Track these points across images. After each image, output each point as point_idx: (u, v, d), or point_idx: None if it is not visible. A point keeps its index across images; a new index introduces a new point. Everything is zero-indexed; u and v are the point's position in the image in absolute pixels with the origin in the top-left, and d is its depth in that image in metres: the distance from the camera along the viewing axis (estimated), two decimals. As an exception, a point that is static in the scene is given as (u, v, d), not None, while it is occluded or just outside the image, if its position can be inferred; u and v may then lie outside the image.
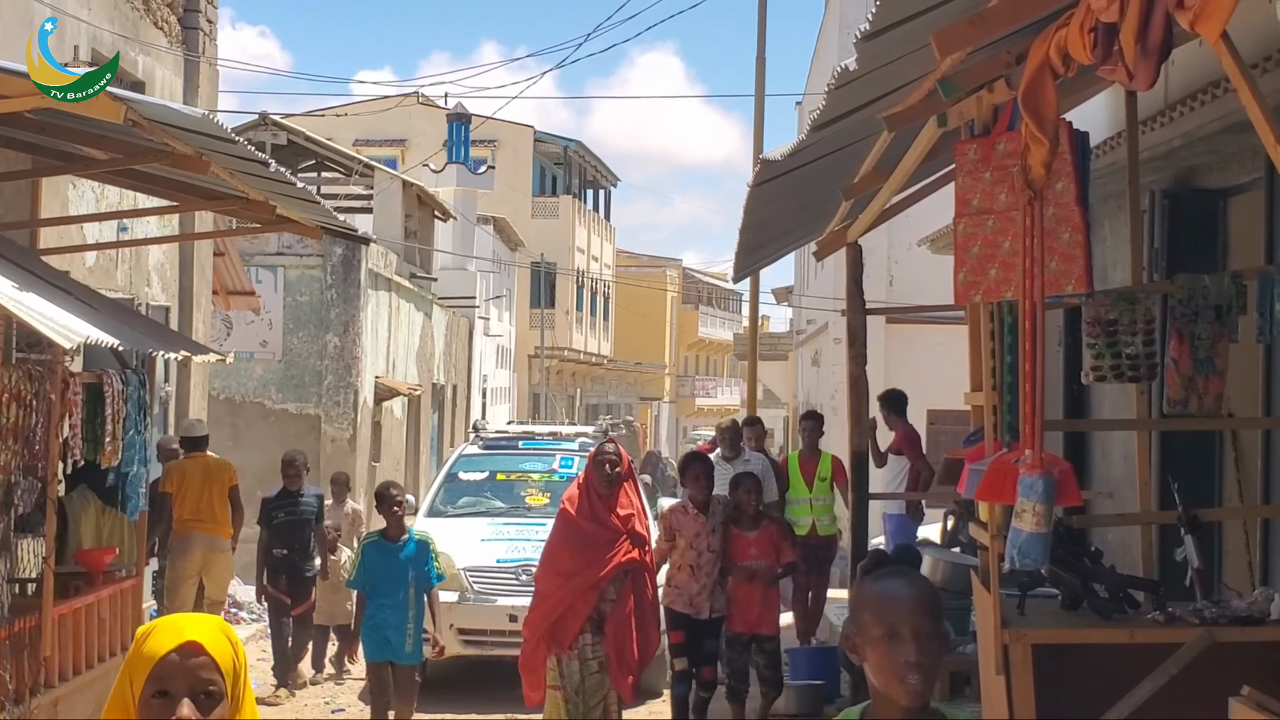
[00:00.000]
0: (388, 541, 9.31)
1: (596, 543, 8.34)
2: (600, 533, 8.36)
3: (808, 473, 12.63)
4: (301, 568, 11.75)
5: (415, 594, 9.15)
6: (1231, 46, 3.63)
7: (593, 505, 8.40)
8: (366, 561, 9.25)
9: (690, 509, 9.45)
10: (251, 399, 20.56)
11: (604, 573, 8.33)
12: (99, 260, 11.78)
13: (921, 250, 17.02)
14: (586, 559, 8.33)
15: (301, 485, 11.90)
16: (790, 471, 12.70)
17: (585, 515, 8.40)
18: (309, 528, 11.81)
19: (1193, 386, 6.59)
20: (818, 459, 12.76)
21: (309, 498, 11.88)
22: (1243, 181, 8.30)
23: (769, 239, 12.17)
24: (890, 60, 5.60)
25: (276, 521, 11.67)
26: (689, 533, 9.36)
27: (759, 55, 21.03)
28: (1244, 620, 5.71)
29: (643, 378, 67.98)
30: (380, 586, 9.17)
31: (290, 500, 11.77)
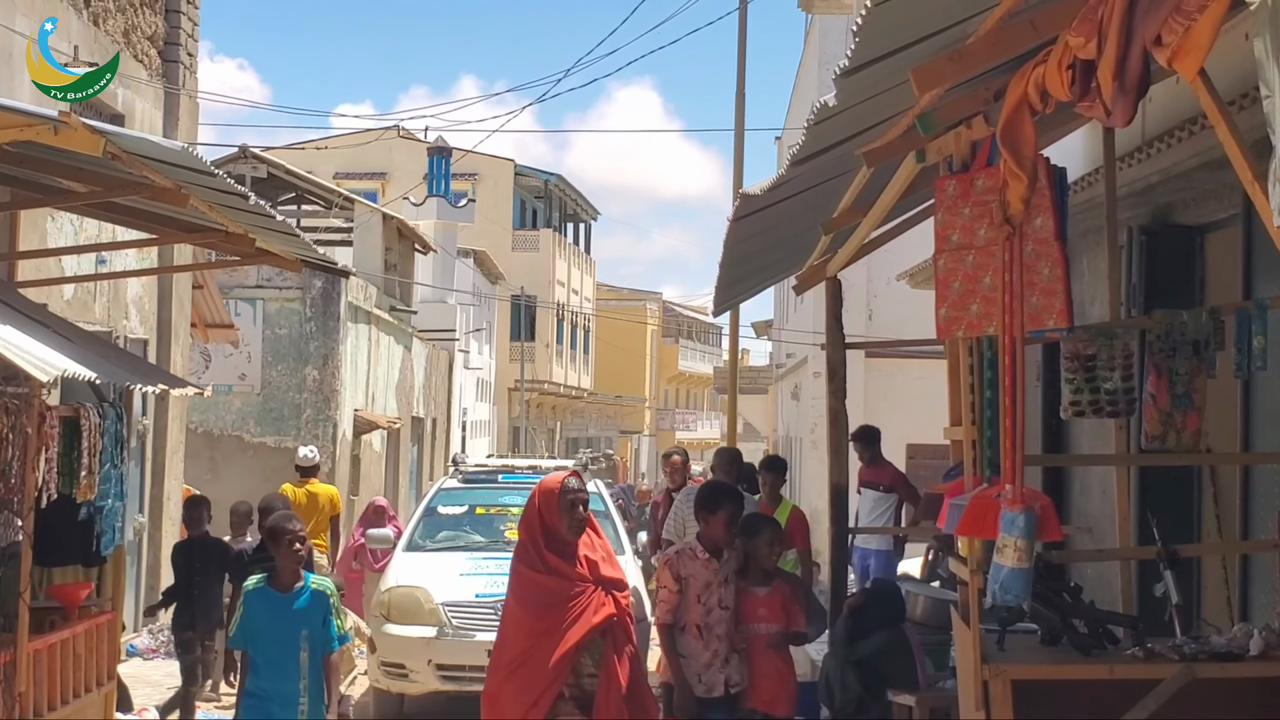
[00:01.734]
0: (276, 590, 7.47)
1: (558, 599, 6.61)
2: (561, 587, 6.62)
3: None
4: None
5: (309, 659, 7.37)
6: (1209, 83, 3.64)
7: (543, 553, 6.64)
8: (248, 613, 7.44)
9: (700, 553, 7.62)
10: (230, 432, 20.51)
11: (577, 639, 6.60)
12: (77, 293, 11.74)
13: (901, 285, 17.08)
14: (550, 622, 6.61)
15: None
16: None
17: (538, 565, 6.67)
18: None
19: (1171, 422, 6.60)
20: (774, 509, 11.17)
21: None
22: (1220, 218, 8.33)
23: (749, 273, 12.19)
24: (869, 96, 5.62)
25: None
26: (698, 583, 7.54)
27: (739, 90, 21.12)
28: (1223, 656, 5.71)
29: (623, 411, 67.99)
30: (264, 647, 7.36)
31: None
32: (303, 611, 7.41)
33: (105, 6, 12.20)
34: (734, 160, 20.89)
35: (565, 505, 6.63)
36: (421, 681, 11.50)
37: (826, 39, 22.77)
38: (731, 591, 7.62)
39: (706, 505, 7.78)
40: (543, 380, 53.86)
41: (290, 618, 7.39)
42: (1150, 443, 6.75)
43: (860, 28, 4.57)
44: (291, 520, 7.76)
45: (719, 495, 7.90)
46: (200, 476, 17.94)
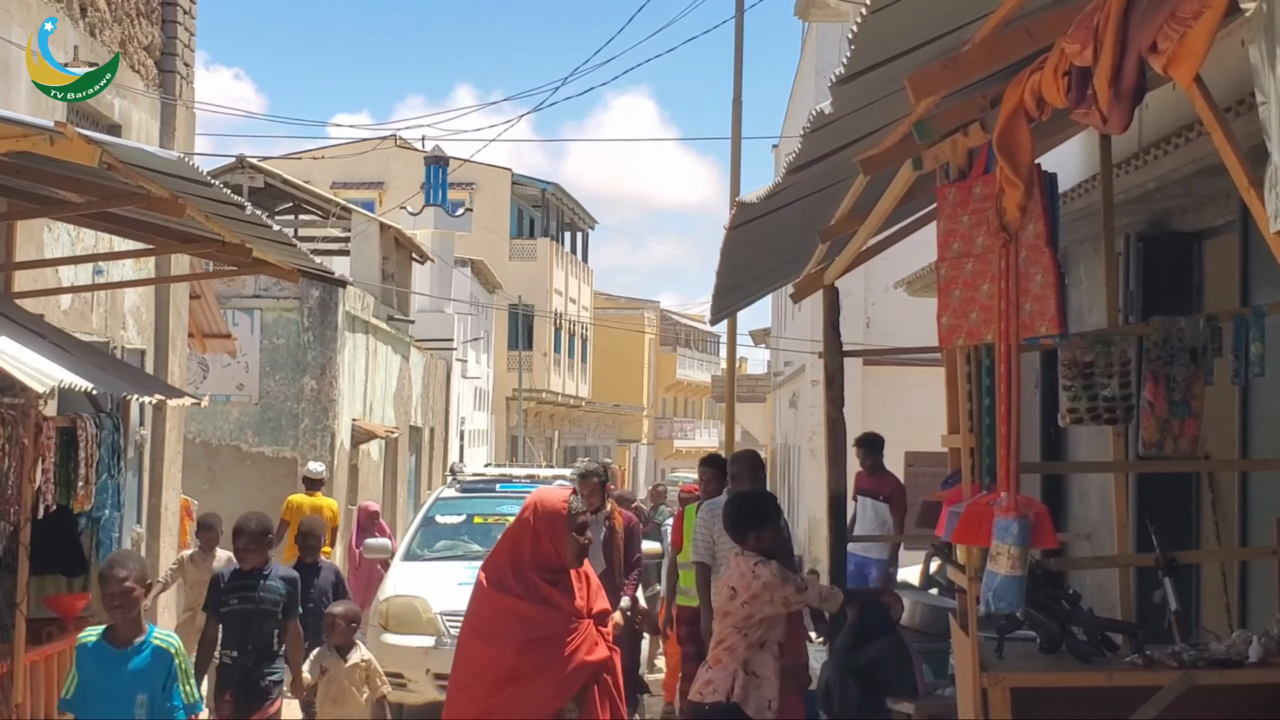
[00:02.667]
0: (112, 645, 6.39)
1: (546, 635, 5.51)
2: (551, 619, 5.53)
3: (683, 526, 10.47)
4: (257, 677, 8.53)
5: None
6: (1205, 90, 3.64)
7: (531, 578, 5.55)
8: (80, 672, 6.42)
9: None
10: (228, 442, 20.49)
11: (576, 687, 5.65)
12: (74, 303, 11.73)
13: (898, 292, 17.07)
14: (533, 662, 5.50)
15: (264, 561, 8.71)
16: (685, 528, 10.31)
17: (527, 592, 5.52)
18: (272, 621, 8.55)
19: (1168, 429, 6.59)
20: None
21: (274, 580, 8.63)
22: (1217, 224, 8.34)
23: (746, 281, 12.19)
24: (866, 103, 5.62)
25: (226, 610, 8.57)
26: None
27: (735, 98, 21.11)
28: (1223, 663, 5.70)
29: (621, 419, 67.97)
30: (95, 711, 6.30)
31: (246, 583, 8.64)
32: (139, 673, 6.32)
33: (102, 17, 12.20)
34: (731, 168, 20.89)
35: (573, 530, 5.64)
36: (420, 691, 11.49)
37: (823, 47, 22.80)
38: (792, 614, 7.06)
39: (754, 520, 6.93)
40: (540, 389, 53.85)
41: (124, 679, 6.31)
42: (1148, 450, 6.75)
43: (856, 35, 4.56)
44: (121, 565, 6.46)
45: (764, 507, 7.16)
46: (198, 487, 17.92)
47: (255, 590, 8.54)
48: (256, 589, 8.54)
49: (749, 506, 7.14)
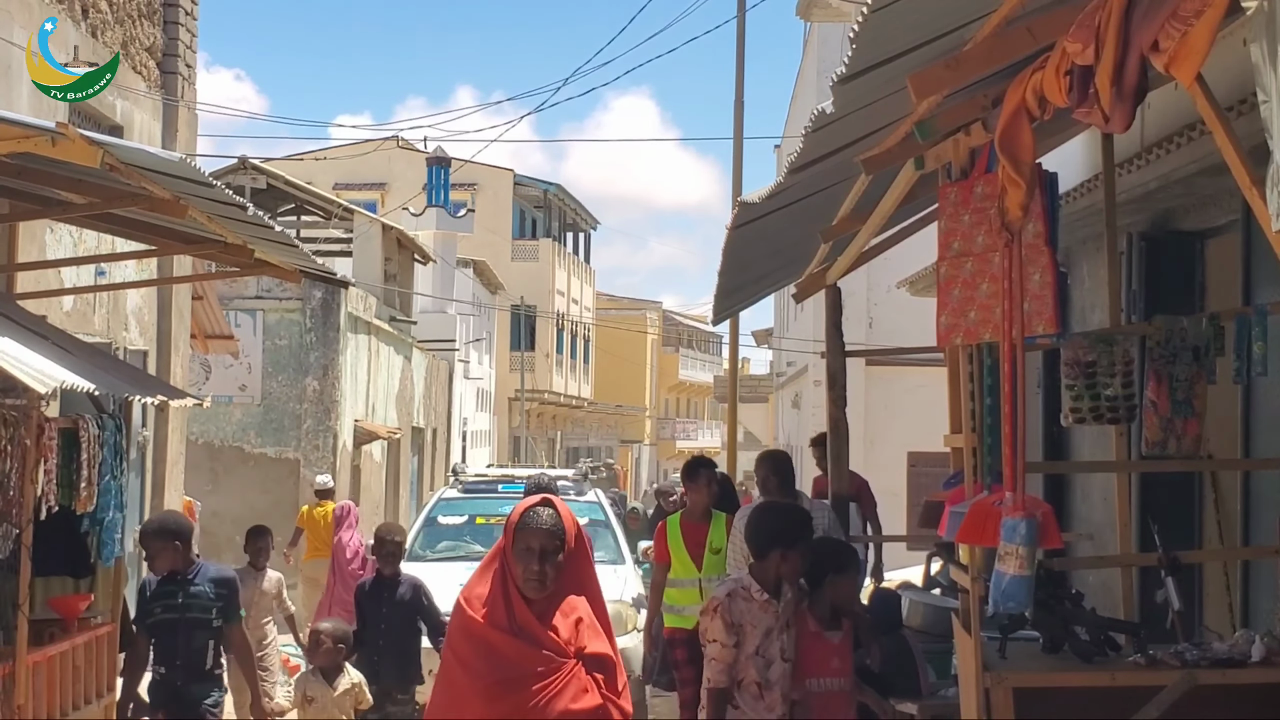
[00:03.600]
0: None
1: (520, 674, 4.48)
2: (526, 656, 4.48)
3: (694, 543, 9.40)
4: (189, 698, 7.63)
5: None
6: (1207, 89, 3.64)
7: (512, 605, 4.50)
8: None
9: (757, 593, 6.14)
10: (230, 443, 20.50)
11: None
12: (76, 304, 11.73)
13: (901, 292, 17.08)
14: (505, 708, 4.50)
15: (182, 564, 7.68)
16: (670, 540, 9.47)
17: (500, 621, 4.52)
18: (204, 631, 7.60)
19: (1171, 428, 6.59)
20: (709, 523, 9.45)
21: (201, 584, 7.63)
22: (1219, 224, 8.33)
23: (748, 281, 12.18)
24: (867, 103, 5.62)
25: (152, 621, 7.68)
26: (758, 631, 6.09)
27: (737, 98, 21.10)
28: (1225, 662, 5.70)
29: (623, 420, 67.97)
30: None
31: (169, 589, 7.69)
32: None
33: (104, 18, 12.21)
34: (733, 168, 20.88)
35: (521, 550, 4.48)
36: (423, 691, 11.47)
37: (825, 47, 22.80)
38: (792, 639, 6.21)
39: (783, 539, 6.20)
40: (543, 390, 53.86)
41: None
42: (1151, 449, 6.75)
43: (857, 34, 4.56)
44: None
45: (797, 526, 6.37)
46: (201, 488, 17.93)
47: (177, 597, 7.60)
48: (179, 595, 7.61)
49: (781, 521, 6.38)
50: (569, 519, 4.57)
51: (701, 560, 9.37)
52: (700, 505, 9.49)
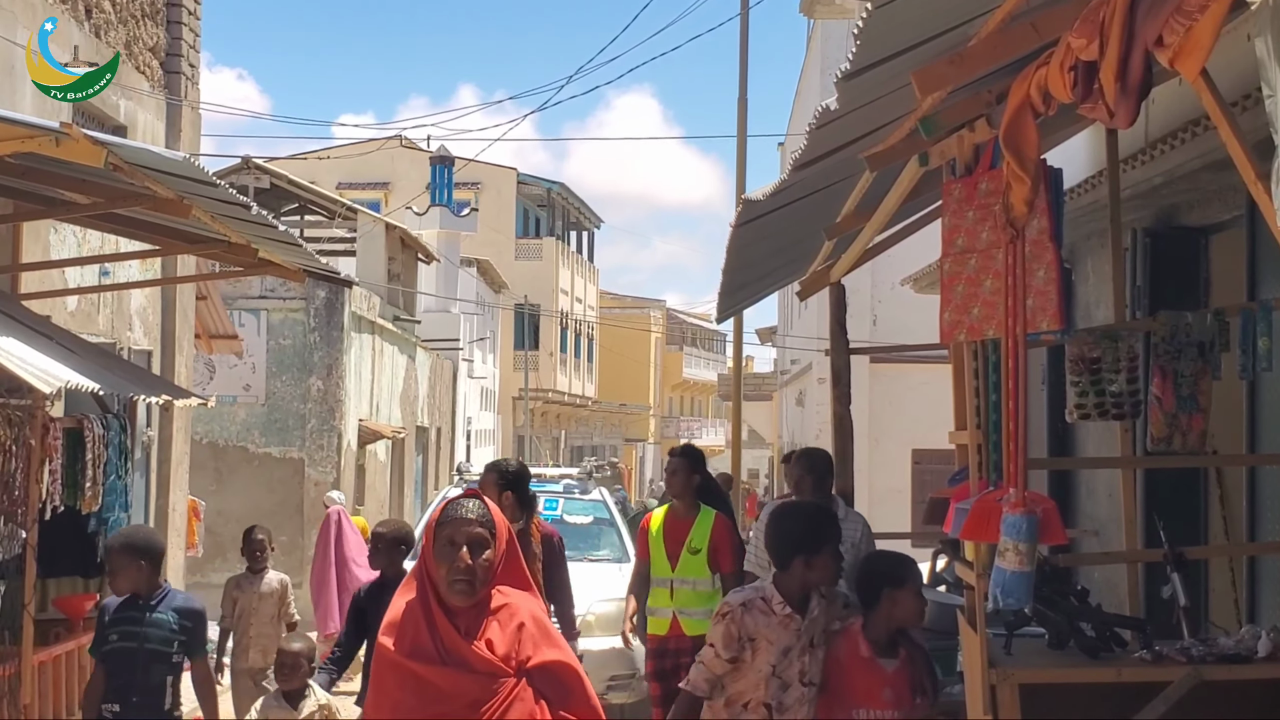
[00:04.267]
0: None
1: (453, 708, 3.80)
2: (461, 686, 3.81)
3: (673, 539, 8.71)
4: None
5: None
6: (1211, 84, 3.63)
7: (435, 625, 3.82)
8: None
9: (778, 605, 5.51)
10: (235, 443, 20.50)
11: None
12: (80, 305, 11.74)
13: (905, 290, 17.07)
14: None
15: (155, 589, 6.89)
16: (651, 534, 8.83)
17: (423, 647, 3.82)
18: (162, 665, 6.77)
19: (1176, 424, 6.58)
20: (693, 519, 8.73)
21: (163, 612, 6.80)
22: (1224, 219, 8.33)
23: (752, 279, 12.18)
24: (871, 100, 5.61)
25: (107, 649, 6.84)
26: (775, 649, 5.43)
27: (741, 95, 21.09)
28: (1231, 658, 5.69)
29: (627, 419, 67.97)
30: None
31: (130, 614, 6.85)
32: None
33: (107, 18, 12.21)
34: (736, 166, 20.88)
35: (442, 546, 3.83)
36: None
37: (829, 44, 22.80)
38: (818, 661, 5.48)
39: (806, 545, 5.55)
40: (547, 389, 53.87)
41: None
42: (1156, 445, 6.74)
43: (861, 30, 4.56)
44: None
45: (822, 528, 5.70)
46: (205, 487, 17.93)
47: (138, 624, 6.76)
48: (139, 622, 6.76)
49: (802, 524, 5.69)
50: (499, 514, 3.90)
51: (677, 559, 8.65)
52: (678, 496, 8.81)
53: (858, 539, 7.64)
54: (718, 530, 8.68)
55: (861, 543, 7.65)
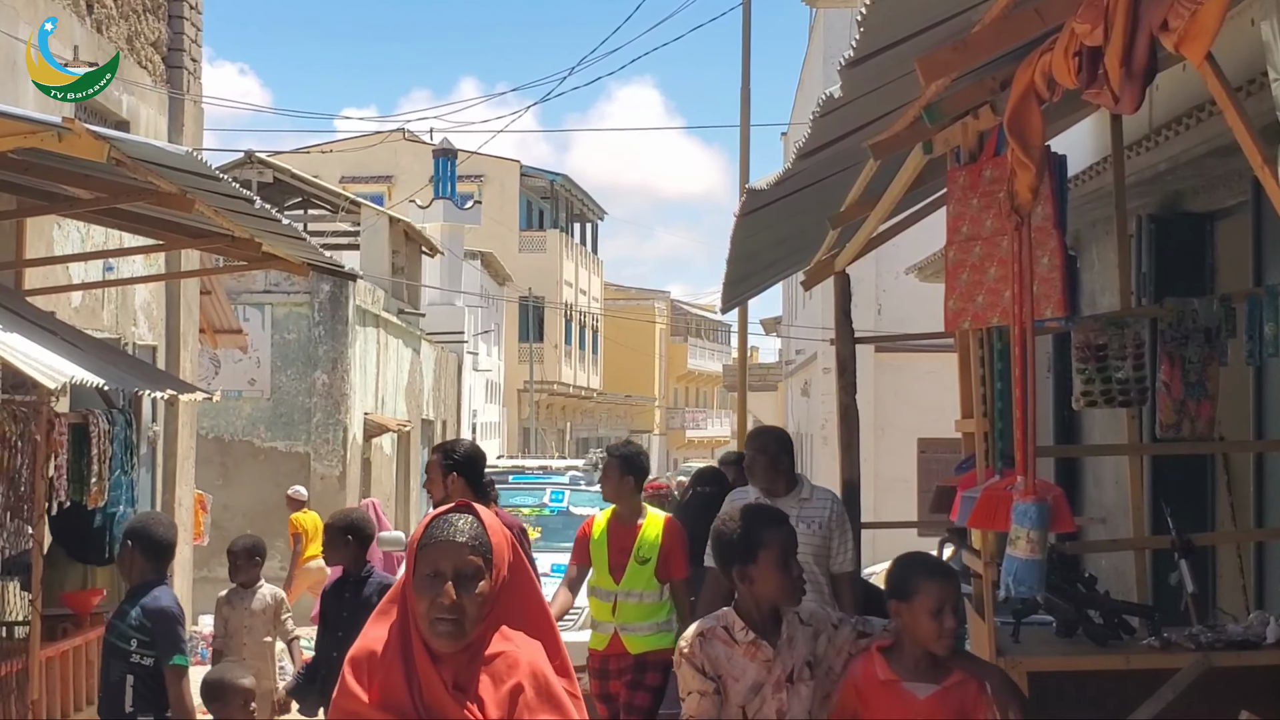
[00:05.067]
0: None
1: None
2: None
3: (618, 548, 7.73)
4: None
5: None
6: (1217, 68, 3.62)
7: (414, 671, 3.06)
8: None
9: (741, 632, 4.47)
10: (240, 438, 20.52)
11: None
12: (85, 300, 11.74)
13: (909, 278, 17.05)
14: None
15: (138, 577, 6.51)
16: (593, 539, 7.85)
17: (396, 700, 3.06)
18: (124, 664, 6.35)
19: (1184, 410, 6.57)
20: (640, 524, 7.78)
21: (130, 608, 6.41)
22: (1229, 205, 8.31)
23: (756, 269, 12.16)
24: (875, 87, 5.59)
25: None
26: (742, 685, 4.46)
27: (744, 85, 21.08)
28: (1240, 644, 5.68)
29: (632, 410, 67.96)
30: None
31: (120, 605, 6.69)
32: None
33: (108, 13, 12.20)
34: (740, 156, 20.87)
35: (424, 576, 3.05)
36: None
37: (831, 32, 22.76)
38: (803, 699, 4.45)
39: (736, 553, 4.49)
40: (552, 381, 53.86)
41: None
42: (1165, 432, 6.73)
43: (864, 18, 4.54)
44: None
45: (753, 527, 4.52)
46: (212, 482, 17.95)
47: (116, 615, 6.57)
48: (116, 614, 6.59)
49: (726, 528, 4.58)
50: (498, 533, 3.09)
51: (623, 570, 7.70)
52: (615, 500, 7.90)
53: (825, 519, 6.74)
54: (669, 535, 7.74)
55: (831, 524, 6.74)
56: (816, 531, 6.74)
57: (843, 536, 6.82)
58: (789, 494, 6.79)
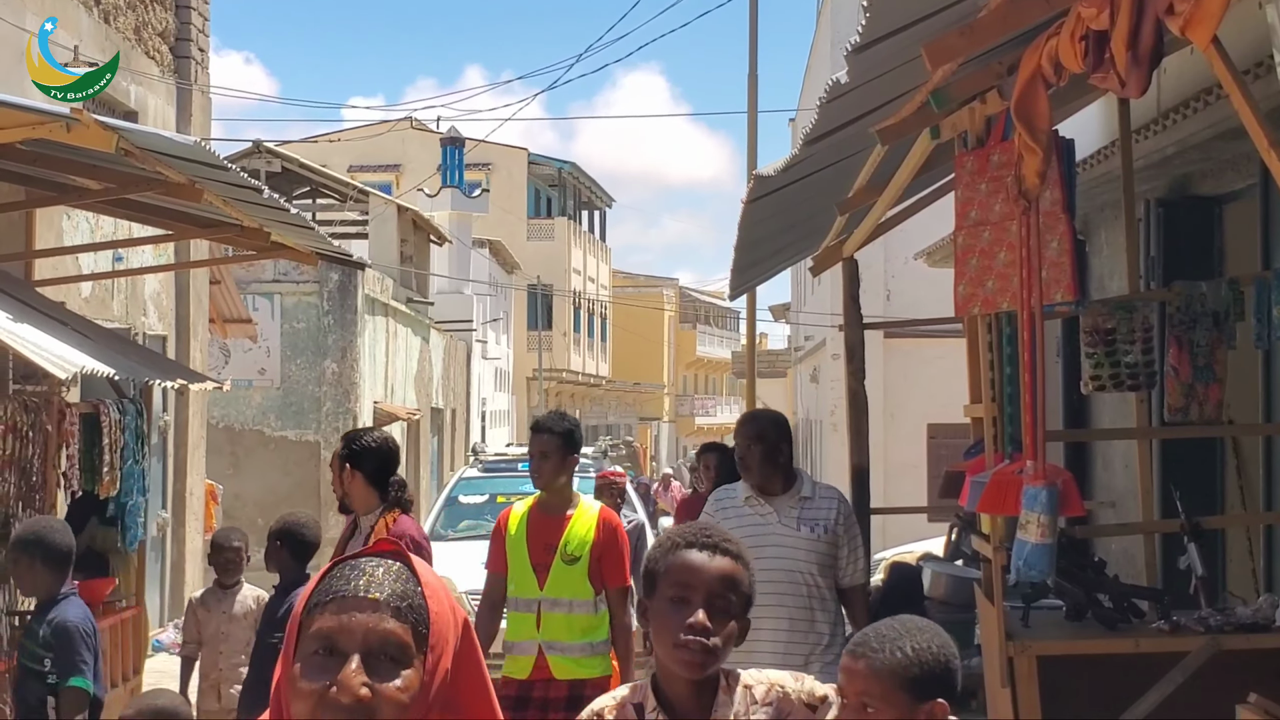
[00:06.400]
0: None
1: None
2: None
3: (540, 545, 6.19)
4: None
5: None
6: (1223, 52, 3.62)
7: None
8: None
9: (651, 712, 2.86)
10: (250, 427, 20.56)
11: None
12: (95, 291, 11.76)
13: (918, 264, 17.03)
14: None
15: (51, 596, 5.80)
16: (508, 542, 6.29)
17: None
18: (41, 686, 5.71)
19: (1193, 394, 6.57)
20: (568, 515, 6.25)
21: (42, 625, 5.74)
22: (1237, 188, 8.29)
23: (764, 255, 12.16)
24: (882, 73, 5.60)
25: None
26: None
27: (751, 71, 21.04)
28: (1249, 627, 5.69)
29: (642, 398, 67.96)
30: None
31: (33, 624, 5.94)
32: None
33: (115, 3, 12.21)
34: (747, 142, 20.83)
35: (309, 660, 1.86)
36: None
37: (839, 17, 22.70)
38: None
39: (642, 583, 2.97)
40: (561, 369, 53.87)
41: None
42: (1173, 415, 6.73)
43: (871, 3, 4.54)
44: None
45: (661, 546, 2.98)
46: (222, 471, 17.99)
47: (27, 635, 5.95)
48: (28, 633, 5.97)
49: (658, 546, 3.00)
50: (440, 597, 1.94)
51: (547, 572, 6.15)
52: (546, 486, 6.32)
53: (831, 522, 5.73)
54: (603, 530, 6.21)
55: (838, 528, 5.74)
56: (821, 537, 5.71)
57: (852, 543, 5.79)
58: (786, 492, 5.77)
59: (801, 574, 5.70)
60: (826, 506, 5.81)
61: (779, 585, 5.59)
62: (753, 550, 3.14)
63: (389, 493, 6.35)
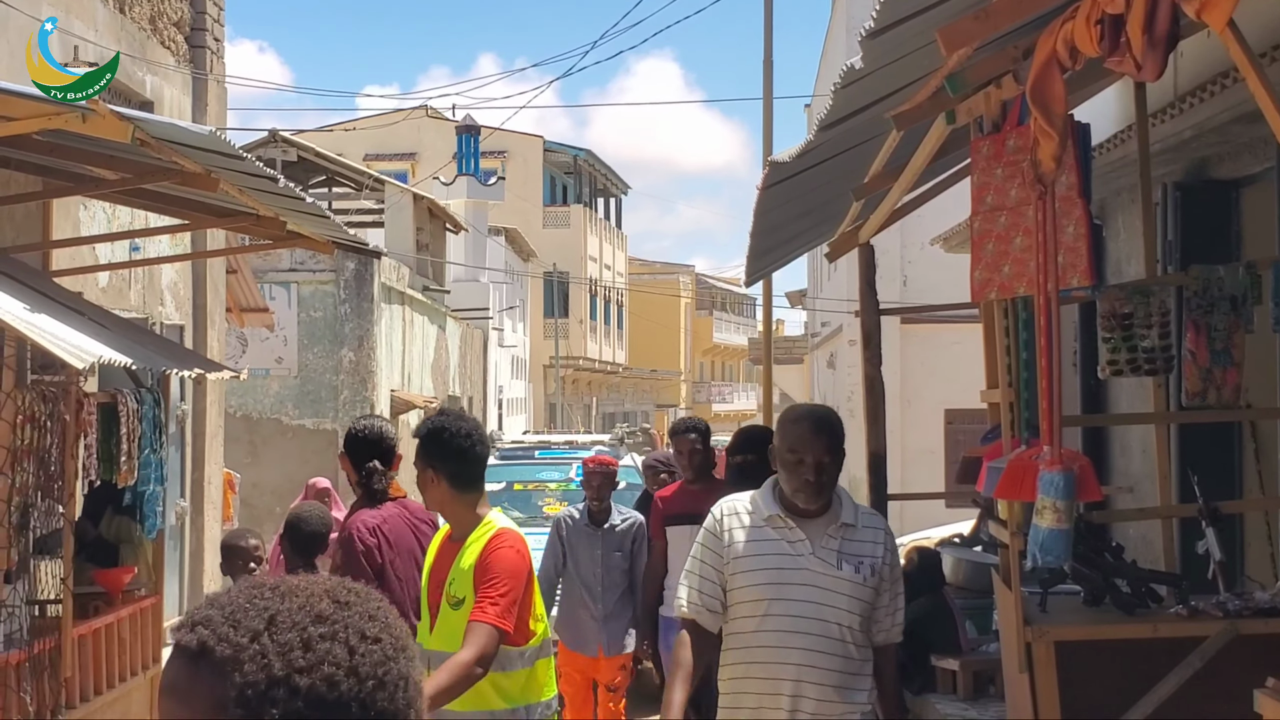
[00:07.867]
0: None
1: None
2: None
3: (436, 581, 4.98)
4: None
5: None
6: (1239, 35, 3.60)
7: None
8: None
9: None
10: (268, 415, 20.61)
11: None
12: (112, 280, 11.79)
13: (934, 249, 17.00)
14: None
15: None
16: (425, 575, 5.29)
17: None
18: None
19: (1211, 378, 6.55)
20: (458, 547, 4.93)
21: None
22: (1255, 171, 8.26)
23: (780, 242, 12.14)
24: (896, 58, 5.58)
25: None
26: None
27: (766, 58, 21.01)
28: (1267, 612, 5.68)
29: (658, 385, 68.00)
30: None
31: None
32: None
33: (131, -6, 12.23)
34: (763, 128, 20.81)
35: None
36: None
37: (854, 2, 22.66)
38: None
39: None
40: (577, 356, 53.92)
41: None
42: (1191, 400, 6.71)
43: (885, -11, 4.53)
44: None
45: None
46: (240, 460, 18.04)
47: None
48: None
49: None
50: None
51: (437, 611, 4.93)
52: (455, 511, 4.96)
53: (879, 562, 4.63)
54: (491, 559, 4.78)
55: (883, 570, 4.63)
56: (867, 580, 4.56)
57: (894, 588, 4.68)
58: (823, 514, 4.60)
59: (840, 625, 4.47)
60: (872, 539, 4.64)
61: (808, 639, 4.41)
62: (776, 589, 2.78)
63: (367, 483, 5.91)
